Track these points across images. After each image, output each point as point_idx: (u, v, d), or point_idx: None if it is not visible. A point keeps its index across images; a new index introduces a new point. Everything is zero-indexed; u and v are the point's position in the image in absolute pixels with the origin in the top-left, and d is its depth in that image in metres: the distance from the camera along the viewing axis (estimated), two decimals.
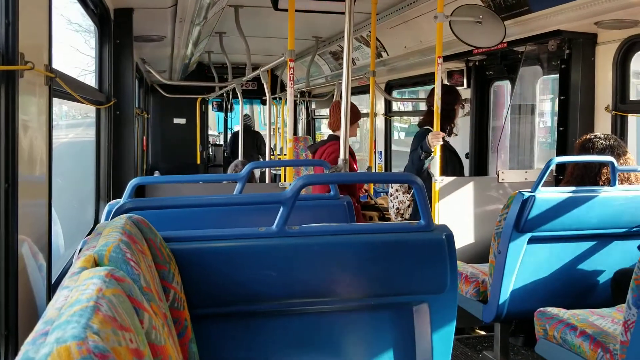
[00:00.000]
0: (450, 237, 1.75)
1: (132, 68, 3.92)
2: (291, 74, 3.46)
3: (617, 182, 2.97)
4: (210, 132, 12.21)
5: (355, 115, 4.51)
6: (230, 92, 9.34)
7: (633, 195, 2.98)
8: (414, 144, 4.19)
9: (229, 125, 11.91)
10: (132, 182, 2.23)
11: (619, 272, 3.05)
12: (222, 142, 11.89)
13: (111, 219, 1.47)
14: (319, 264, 1.71)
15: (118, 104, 3.68)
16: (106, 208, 2.30)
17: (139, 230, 1.37)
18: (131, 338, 0.80)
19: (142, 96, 8.44)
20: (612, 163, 2.95)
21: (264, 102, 10.78)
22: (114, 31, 3.70)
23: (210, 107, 11.29)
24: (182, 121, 10.26)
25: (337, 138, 4.37)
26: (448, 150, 4.31)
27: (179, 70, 8.16)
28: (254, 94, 10.66)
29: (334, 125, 4.48)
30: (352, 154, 4.42)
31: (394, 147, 7.63)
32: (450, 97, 4.25)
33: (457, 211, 3.82)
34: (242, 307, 1.69)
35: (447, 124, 4.20)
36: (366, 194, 5.19)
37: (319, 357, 1.79)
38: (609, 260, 3.10)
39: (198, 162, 9.84)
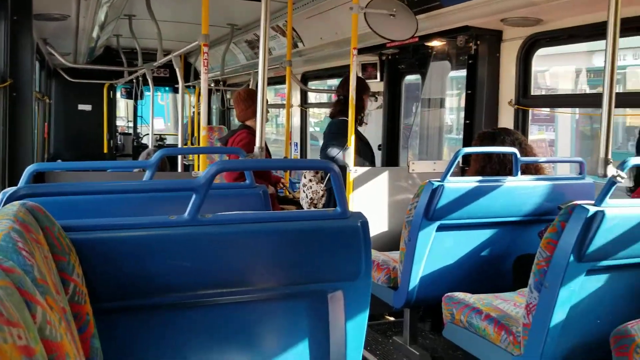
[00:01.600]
0: (365, 224, 1.76)
1: (32, 48, 3.65)
2: (205, 59, 3.35)
3: (519, 172, 3.13)
4: (119, 123, 11.68)
5: (253, 98, 4.31)
6: (141, 79, 8.97)
7: (534, 185, 3.16)
8: (330, 135, 4.22)
9: (138, 113, 11.46)
10: (30, 168, 2.07)
11: (520, 257, 3.23)
12: (131, 131, 11.41)
13: (3, 206, 1.35)
14: (234, 253, 1.66)
15: (15, 85, 3.41)
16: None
17: (34, 218, 1.26)
18: (20, 334, 0.73)
19: (43, 79, 7.92)
20: (515, 154, 3.10)
21: (176, 90, 10.47)
22: (11, 7, 3.43)
23: (118, 93, 10.81)
24: (88, 108, 9.75)
25: (247, 127, 4.32)
26: (361, 141, 4.39)
27: (84, 53, 7.73)
28: (166, 81, 10.33)
29: (242, 115, 4.38)
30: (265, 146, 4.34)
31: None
32: (359, 87, 4.35)
33: (370, 201, 3.89)
34: (152, 300, 1.61)
35: (357, 113, 4.31)
36: (283, 187, 5.16)
37: (233, 348, 1.75)
38: (511, 246, 3.27)
39: (105, 151, 9.38)
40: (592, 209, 2.11)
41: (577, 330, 2.27)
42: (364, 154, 4.43)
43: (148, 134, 8.78)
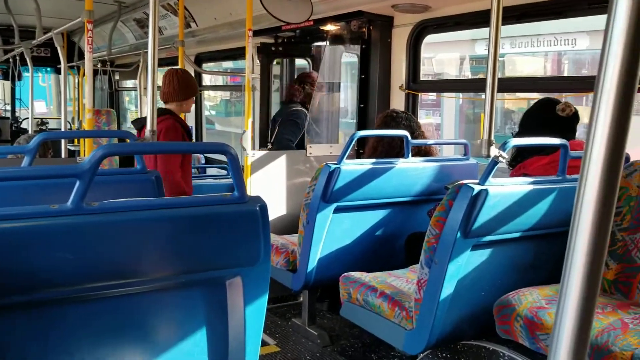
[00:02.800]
0: (264, 208, 1.74)
1: None
2: (89, 36, 3.15)
3: (410, 154, 3.26)
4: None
5: (192, 88, 3.83)
6: (18, 58, 8.26)
7: (423, 166, 3.30)
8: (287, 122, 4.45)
9: (17, 96, 10.57)
10: None
11: (411, 235, 3.38)
12: (9, 115, 10.51)
13: None
14: (123, 243, 1.58)
15: None
16: None
17: None
18: None
19: None
20: (407, 137, 3.22)
21: (58, 71, 9.76)
22: None
23: None
24: None
25: (171, 112, 3.75)
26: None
27: None
28: (47, 62, 9.61)
29: (169, 96, 3.76)
30: (186, 129, 3.94)
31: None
32: (311, 80, 4.85)
33: (269, 184, 3.88)
34: (34, 296, 1.49)
35: (307, 102, 4.70)
36: None
37: (126, 343, 1.67)
38: (403, 225, 3.41)
39: None
40: (477, 188, 2.24)
41: (465, 303, 2.42)
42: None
43: (28, 118, 8.15)
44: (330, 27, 4.67)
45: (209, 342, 1.75)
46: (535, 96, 3.57)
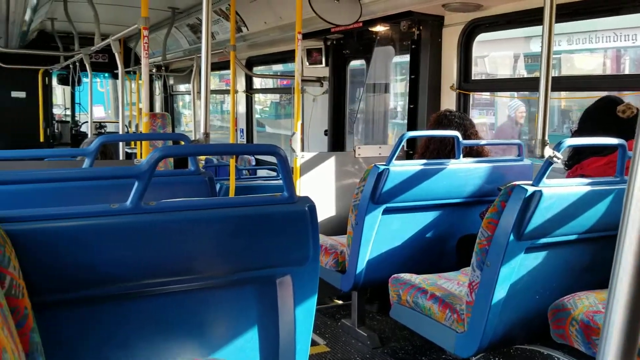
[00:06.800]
0: (312, 208, 1.76)
1: None
2: (145, 42, 3.25)
3: (461, 154, 3.21)
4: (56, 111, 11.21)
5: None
6: (78, 64, 8.63)
7: (475, 167, 3.25)
8: None
9: (76, 101, 11.03)
10: None
11: (463, 237, 3.33)
12: (69, 119, 10.99)
13: None
14: (179, 241, 1.63)
15: None
16: None
17: None
18: None
19: None
20: (457, 137, 3.18)
21: (115, 76, 10.13)
22: None
23: (55, 80, 10.38)
24: (22, 95, 9.35)
25: None
26: None
27: (16, 37, 7.36)
28: (105, 67, 10.00)
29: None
30: None
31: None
32: None
33: (317, 186, 3.91)
34: (95, 292, 1.56)
35: None
36: None
37: (181, 338, 1.72)
38: (454, 227, 3.36)
39: (42, 140, 9.00)
40: (531, 189, 2.18)
41: (517, 306, 2.36)
42: None
43: (87, 122, 8.49)
44: (379, 28, 4.66)
45: (260, 339, 1.78)
46: (594, 95, 3.45)
